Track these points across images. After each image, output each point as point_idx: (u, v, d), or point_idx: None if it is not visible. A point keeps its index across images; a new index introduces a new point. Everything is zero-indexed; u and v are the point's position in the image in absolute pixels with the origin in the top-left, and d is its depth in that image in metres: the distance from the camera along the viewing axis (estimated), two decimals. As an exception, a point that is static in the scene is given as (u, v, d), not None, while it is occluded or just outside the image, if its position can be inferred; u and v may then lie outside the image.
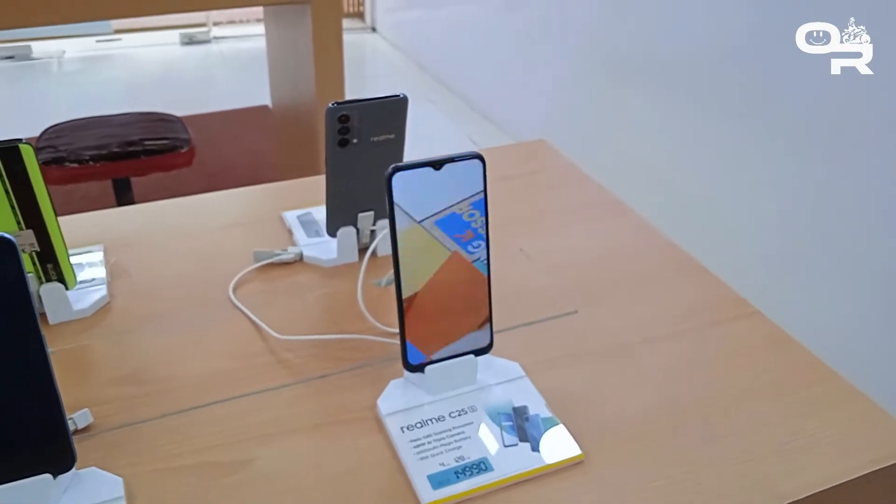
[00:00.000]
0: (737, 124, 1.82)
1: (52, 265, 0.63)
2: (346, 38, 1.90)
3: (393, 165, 0.52)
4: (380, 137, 0.68)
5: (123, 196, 1.97)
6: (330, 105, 0.65)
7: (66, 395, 0.57)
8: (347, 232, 0.73)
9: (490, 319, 0.58)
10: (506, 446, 0.53)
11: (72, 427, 0.53)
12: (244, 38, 4.21)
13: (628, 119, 2.24)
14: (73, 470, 0.49)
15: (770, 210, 1.76)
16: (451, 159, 0.53)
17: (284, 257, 0.74)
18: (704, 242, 1.58)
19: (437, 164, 0.53)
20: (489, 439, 0.54)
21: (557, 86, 2.63)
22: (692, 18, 1.91)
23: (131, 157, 1.81)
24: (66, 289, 0.65)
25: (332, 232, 0.73)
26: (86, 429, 0.55)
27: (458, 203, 0.54)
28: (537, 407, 0.57)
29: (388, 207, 0.53)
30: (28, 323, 0.45)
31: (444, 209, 0.54)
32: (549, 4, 2.61)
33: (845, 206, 1.57)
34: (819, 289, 1.67)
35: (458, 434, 0.54)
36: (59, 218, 0.79)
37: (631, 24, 2.16)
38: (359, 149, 0.68)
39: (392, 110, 0.68)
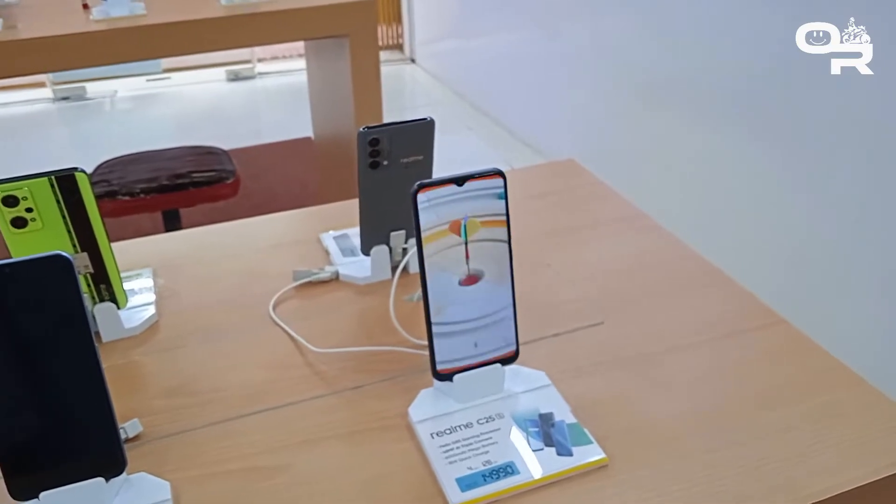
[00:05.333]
0: (757, 135, 1.82)
1: (104, 286, 0.67)
2: (386, 69, 1.95)
3: (417, 182, 0.55)
4: (409, 159, 0.72)
5: (173, 227, 2.04)
6: (361, 129, 0.68)
7: (117, 406, 0.60)
8: (380, 250, 0.76)
9: (516, 330, 0.60)
10: (532, 451, 0.55)
11: (123, 436, 0.57)
12: (287, 72, 4.33)
13: (667, 142, 2.25)
14: (124, 475, 0.53)
15: (797, 216, 1.75)
16: (473, 176, 0.56)
17: (322, 276, 0.77)
18: (736, 255, 1.58)
19: (459, 181, 0.56)
20: (515, 444, 0.56)
21: (595, 110, 2.65)
22: (721, 39, 1.92)
23: (179, 189, 1.88)
24: (118, 308, 0.69)
25: (365, 251, 0.76)
26: (136, 437, 0.58)
27: (481, 214, 0.57)
28: (562, 413, 0.58)
29: (414, 222, 0.56)
30: (83, 336, 0.49)
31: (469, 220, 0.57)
32: (584, 31, 2.64)
33: (860, 209, 1.56)
34: (844, 292, 1.66)
35: (486, 439, 0.56)
36: (112, 244, 0.84)
37: (667, 47, 2.18)
38: (389, 170, 0.71)
39: (420, 133, 0.71)
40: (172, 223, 2.04)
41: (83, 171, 0.61)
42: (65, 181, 0.61)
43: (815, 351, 0.66)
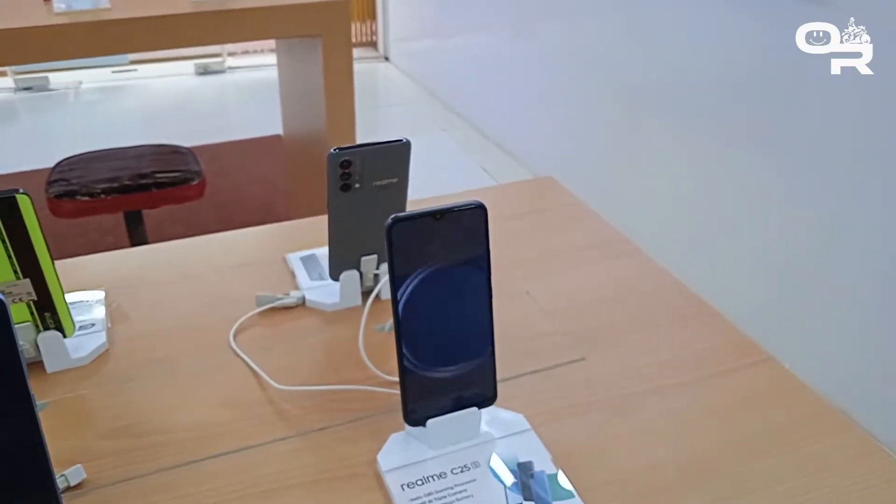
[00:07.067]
0: (757, 150, 1.81)
1: (49, 314, 0.62)
2: (359, 67, 1.91)
3: (393, 216, 0.51)
4: (383, 182, 0.67)
5: (135, 228, 1.97)
6: (332, 151, 0.64)
7: (60, 448, 0.56)
8: (350, 276, 0.72)
9: (494, 370, 0.56)
10: (509, 505, 0.52)
11: (63, 484, 0.52)
12: (258, 67, 4.25)
13: (640, 146, 2.23)
14: (63, 531, 0.48)
15: (797, 243, 1.73)
16: (452, 209, 0.52)
17: (286, 301, 0.73)
18: (716, 275, 1.55)
19: (437, 215, 0.52)
20: (492, 498, 0.52)
21: (570, 114, 2.63)
22: (702, 43, 1.91)
23: (142, 189, 1.82)
24: (64, 337, 0.64)
25: (334, 276, 0.72)
26: (79, 485, 0.53)
27: (460, 250, 0.53)
28: (542, 462, 0.55)
29: (388, 259, 0.51)
30: (15, 381, 0.44)
31: (447, 257, 0.53)
32: (559, 33, 2.62)
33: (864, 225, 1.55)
34: (841, 327, 1.64)
35: (461, 492, 0.52)
36: (63, 261, 0.79)
37: (643, 51, 2.16)
38: (361, 193, 0.67)
39: (395, 155, 0.67)
40: (135, 225, 1.97)
41: (25, 193, 0.56)
42: (4, 203, 0.56)
43: (803, 393, 0.63)
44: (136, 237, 1.98)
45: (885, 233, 1.49)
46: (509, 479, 0.53)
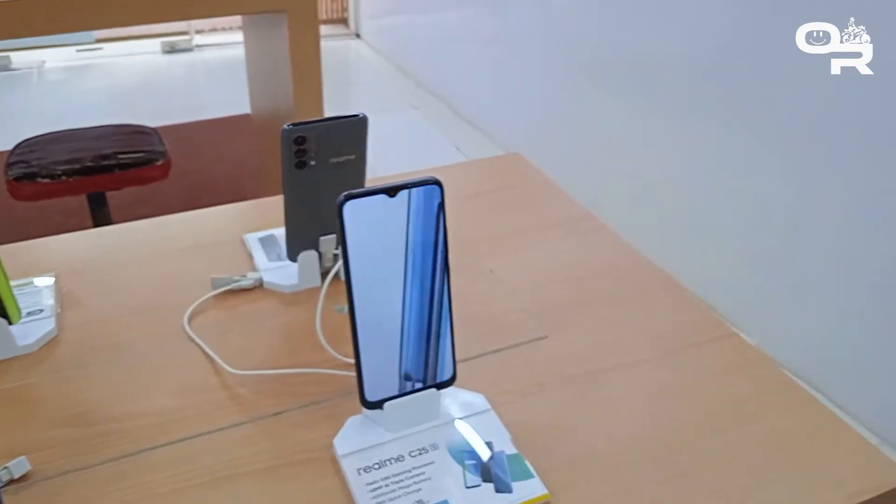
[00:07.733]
0: (726, 129, 1.80)
1: (-8, 300, 0.60)
2: (330, 44, 1.88)
3: (344, 193, 0.49)
4: (339, 159, 0.66)
5: (99, 210, 1.93)
6: (285, 127, 0.62)
7: (5, 439, 0.54)
8: (308, 256, 0.70)
9: (453, 350, 0.55)
10: (468, 487, 0.51)
11: (6, 477, 0.50)
12: (227, 45, 4.17)
13: (612, 125, 2.22)
14: (5, 525, 0.46)
15: (761, 220, 1.73)
16: (407, 185, 0.50)
17: (243, 283, 0.71)
18: (685, 256, 1.55)
19: (391, 191, 0.50)
20: (450, 480, 0.51)
21: (543, 92, 2.61)
22: (682, 22, 1.89)
23: (105, 171, 1.77)
24: (10, 323, 0.62)
25: (292, 256, 0.70)
26: (23, 477, 0.52)
27: (415, 228, 0.52)
28: (502, 443, 0.54)
29: (340, 237, 0.50)
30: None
31: (402, 235, 0.51)
32: (532, 11, 2.59)
33: (841, 212, 1.55)
34: (808, 303, 1.65)
35: (418, 475, 0.51)
36: (12, 245, 0.76)
37: (617, 28, 2.14)
38: (317, 171, 0.65)
39: (351, 130, 0.65)
40: (99, 207, 1.93)
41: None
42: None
43: (766, 367, 0.62)
44: (100, 219, 1.93)
45: (885, 224, 1.49)
46: (484, 451, 0.52)
